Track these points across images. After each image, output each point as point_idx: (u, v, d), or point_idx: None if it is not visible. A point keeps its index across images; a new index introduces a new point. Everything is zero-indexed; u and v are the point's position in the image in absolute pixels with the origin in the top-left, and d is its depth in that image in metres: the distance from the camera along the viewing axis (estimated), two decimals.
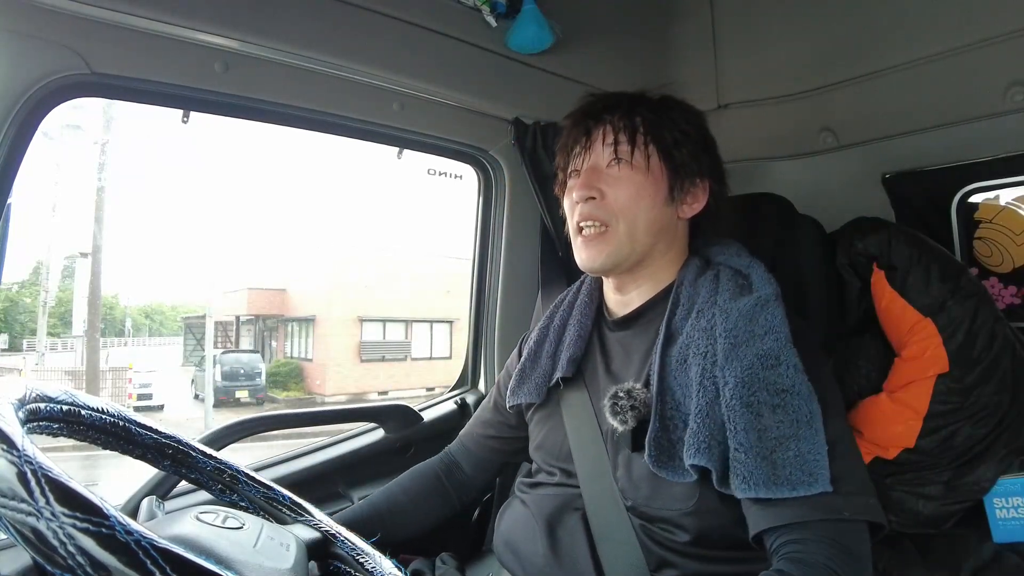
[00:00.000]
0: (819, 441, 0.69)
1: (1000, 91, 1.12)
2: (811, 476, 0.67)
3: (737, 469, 0.69)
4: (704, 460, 0.71)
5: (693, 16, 1.51)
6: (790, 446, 0.68)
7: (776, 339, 0.74)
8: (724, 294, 0.81)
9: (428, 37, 1.16)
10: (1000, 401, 0.97)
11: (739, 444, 0.70)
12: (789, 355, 0.73)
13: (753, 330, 0.75)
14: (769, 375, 0.72)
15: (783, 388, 0.71)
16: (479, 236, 1.47)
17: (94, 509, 0.38)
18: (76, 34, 0.87)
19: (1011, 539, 1.00)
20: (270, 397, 11.25)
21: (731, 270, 0.86)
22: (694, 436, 0.72)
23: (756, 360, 0.73)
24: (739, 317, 0.76)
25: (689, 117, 0.89)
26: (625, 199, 0.84)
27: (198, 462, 0.68)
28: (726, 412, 0.71)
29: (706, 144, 0.90)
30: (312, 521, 0.74)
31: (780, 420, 0.70)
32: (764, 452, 0.69)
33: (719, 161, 0.92)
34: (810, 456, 0.68)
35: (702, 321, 0.79)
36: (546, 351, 0.96)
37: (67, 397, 0.55)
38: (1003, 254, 1.34)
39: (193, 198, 21.23)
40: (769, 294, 0.79)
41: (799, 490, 0.67)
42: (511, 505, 0.95)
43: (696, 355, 0.77)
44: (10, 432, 0.40)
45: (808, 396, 0.71)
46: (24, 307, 10.69)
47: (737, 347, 0.74)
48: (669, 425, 0.77)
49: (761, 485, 0.67)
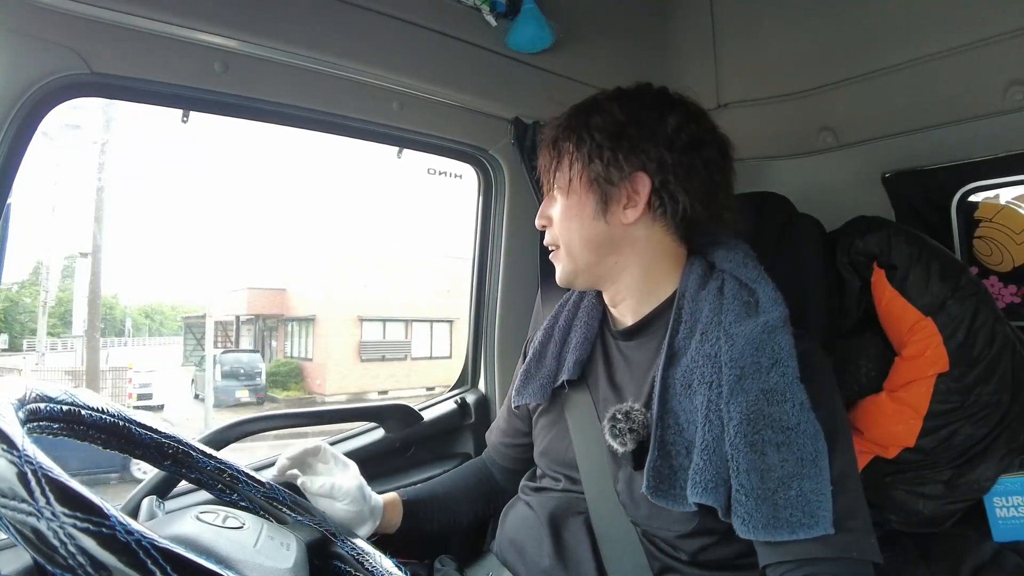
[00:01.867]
0: (823, 480, 0.67)
1: (1000, 90, 1.12)
2: (812, 517, 0.66)
3: (738, 511, 0.68)
4: (711, 500, 0.69)
5: (693, 15, 1.52)
6: (792, 485, 0.67)
7: (782, 374, 0.72)
8: (729, 314, 0.77)
9: (428, 36, 1.16)
10: (1000, 400, 0.97)
11: (740, 486, 0.68)
12: (795, 392, 0.71)
13: (759, 362, 0.72)
14: (774, 411, 0.70)
15: (788, 426, 0.69)
16: (479, 235, 1.46)
17: (94, 509, 0.38)
18: (76, 34, 0.87)
19: (1011, 538, 1.00)
20: (270, 397, 11.24)
21: (736, 282, 0.81)
22: (700, 474, 0.70)
23: (761, 396, 0.71)
24: (746, 345, 0.73)
25: (612, 108, 0.83)
26: (558, 224, 0.87)
27: (198, 462, 0.68)
28: (730, 450, 0.70)
29: (628, 133, 0.81)
30: (312, 521, 0.74)
31: (784, 459, 0.68)
32: (766, 494, 0.67)
33: (663, 138, 0.81)
34: (812, 496, 0.66)
35: (706, 345, 0.76)
36: (551, 351, 0.95)
37: (67, 397, 0.55)
38: (1003, 253, 1.34)
39: (193, 198, 21.19)
40: (776, 319, 0.75)
41: (799, 533, 0.65)
42: (515, 506, 0.95)
43: (701, 383, 0.75)
44: (10, 432, 0.40)
45: (814, 435, 0.69)
46: (24, 307, 10.68)
47: (743, 379, 0.72)
48: (671, 451, 0.75)
49: (760, 528, 0.67)
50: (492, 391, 1.44)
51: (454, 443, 1.42)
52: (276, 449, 1.20)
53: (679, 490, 0.73)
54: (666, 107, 0.83)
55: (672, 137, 0.81)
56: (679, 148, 0.81)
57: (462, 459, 1.38)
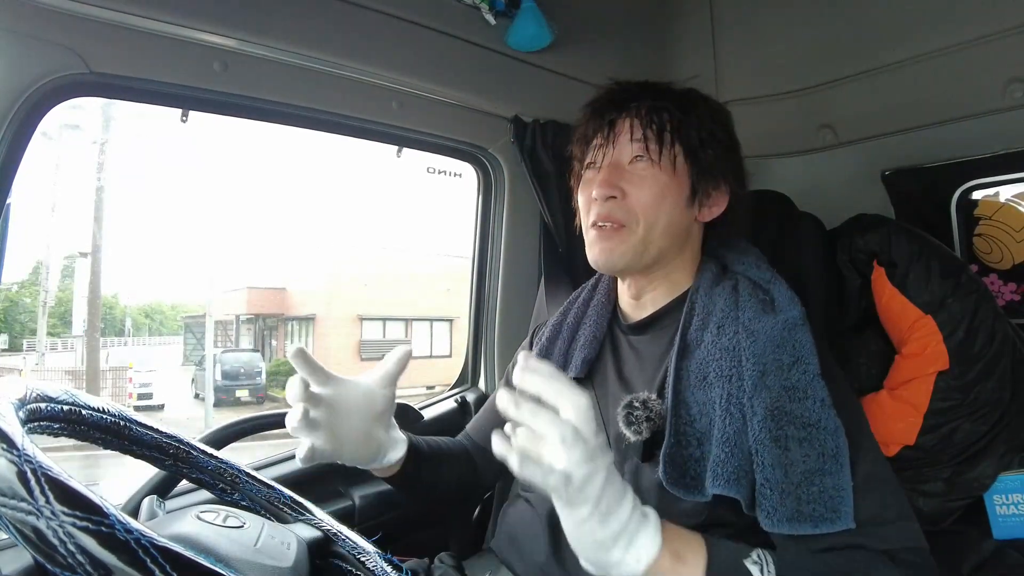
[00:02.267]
0: (844, 476, 0.67)
1: (1000, 87, 1.12)
2: (834, 512, 0.66)
3: (763, 504, 0.68)
4: (733, 492, 0.69)
5: (693, 13, 1.51)
6: (815, 481, 0.67)
7: (804, 372, 0.72)
8: (747, 311, 0.77)
9: (427, 35, 1.16)
10: (1000, 398, 0.97)
11: (766, 479, 0.68)
12: (817, 389, 0.71)
13: (781, 359, 0.73)
14: (796, 408, 0.70)
15: (809, 422, 0.70)
16: (479, 234, 1.47)
17: (94, 508, 0.38)
18: (75, 33, 0.87)
19: (1011, 536, 1.00)
20: (270, 396, 11.24)
21: (750, 283, 0.82)
22: (721, 465, 0.71)
23: (783, 392, 0.71)
24: (767, 342, 0.74)
25: (716, 116, 0.86)
26: (648, 200, 0.81)
27: (199, 461, 0.68)
28: (754, 445, 0.70)
29: (731, 145, 0.87)
30: (313, 520, 0.74)
31: (807, 454, 0.68)
32: (790, 488, 0.67)
33: (741, 163, 0.89)
34: (834, 492, 0.67)
35: (723, 339, 0.76)
36: (558, 348, 0.94)
37: (68, 397, 0.55)
38: (1003, 251, 1.34)
39: (192, 197, 21.21)
40: (796, 316, 0.76)
41: (821, 527, 0.66)
42: (514, 504, 0.95)
43: (719, 376, 0.75)
44: (10, 431, 0.40)
45: (835, 431, 0.69)
46: (24, 307, 10.69)
47: (765, 376, 0.72)
48: (683, 441, 0.75)
49: (784, 521, 0.67)
50: (492, 390, 1.45)
51: None
52: (276, 449, 1.20)
53: (691, 480, 0.73)
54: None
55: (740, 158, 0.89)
56: (741, 178, 0.88)
57: None
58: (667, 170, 0.81)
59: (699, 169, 0.83)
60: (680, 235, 0.85)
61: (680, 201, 0.82)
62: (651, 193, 0.81)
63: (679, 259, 0.87)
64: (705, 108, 0.86)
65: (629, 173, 0.82)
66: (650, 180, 0.81)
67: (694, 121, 0.83)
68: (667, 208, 0.81)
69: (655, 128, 0.81)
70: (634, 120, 0.83)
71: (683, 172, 0.82)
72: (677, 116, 0.82)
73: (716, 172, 0.84)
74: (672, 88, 0.87)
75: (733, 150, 0.87)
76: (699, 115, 0.84)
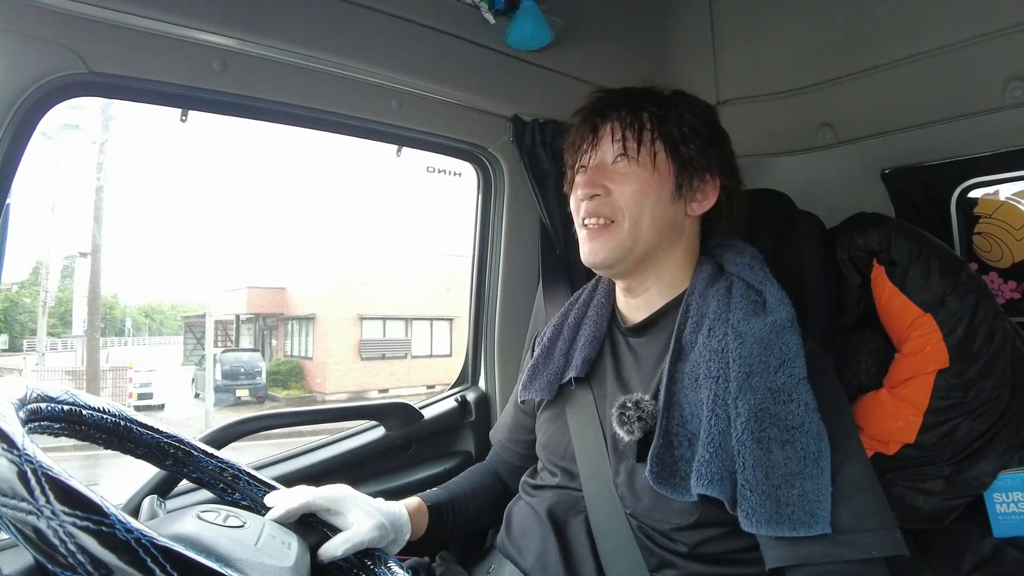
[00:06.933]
0: (824, 481, 0.68)
1: (1000, 86, 1.11)
2: (812, 516, 0.67)
3: (743, 505, 0.69)
4: (716, 492, 0.70)
5: (692, 12, 1.51)
6: (795, 484, 0.68)
7: (790, 374, 0.73)
8: (737, 312, 0.79)
9: (426, 34, 1.16)
10: (1000, 396, 0.97)
11: (746, 480, 0.69)
12: (802, 392, 0.72)
13: (768, 361, 0.74)
14: (780, 410, 0.71)
15: (792, 425, 0.71)
16: (478, 233, 1.46)
17: (94, 507, 0.38)
18: (74, 33, 0.87)
19: (1011, 534, 1.00)
20: (271, 396, 11.26)
21: (744, 283, 0.84)
22: (705, 465, 0.71)
23: (768, 394, 0.72)
24: (755, 343, 0.75)
25: (698, 111, 0.88)
26: (630, 195, 0.84)
27: (200, 461, 0.69)
28: (736, 445, 0.71)
29: (715, 138, 0.89)
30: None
31: (788, 456, 0.69)
32: (770, 490, 0.68)
33: (730, 156, 0.90)
34: (814, 496, 0.68)
35: (713, 341, 0.78)
36: (559, 348, 0.96)
37: (68, 397, 0.55)
38: (1003, 249, 1.34)
39: (192, 197, 21.22)
40: (784, 319, 0.77)
41: (799, 530, 0.67)
42: (517, 503, 0.96)
43: (708, 378, 0.76)
44: (10, 431, 0.40)
45: (817, 435, 0.70)
46: (24, 307, 10.69)
47: (751, 377, 0.73)
48: (673, 441, 0.76)
49: (763, 523, 0.68)
50: (492, 389, 1.45)
51: (455, 441, 1.42)
52: (276, 448, 1.20)
53: (680, 480, 0.74)
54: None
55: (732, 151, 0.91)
56: (731, 171, 0.90)
57: (463, 457, 1.38)
58: (647, 166, 0.84)
59: (681, 163, 0.85)
60: (669, 229, 0.86)
61: (664, 195, 0.85)
62: (632, 189, 0.84)
63: (671, 256, 0.88)
64: (686, 105, 0.88)
65: (612, 172, 0.86)
66: (631, 176, 0.84)
67: (674, 118, 0.86)
68: (651, 202, 0.84)
69: (634, 127, 0.85)
70: (615, 123, 0.86)
71: (665, 167, 0.85)
72: (656, 113, 0.85)
73: (700, 165, 0.86)
74: (654, 90, 0.90)
75: (718, 143, 0.89)
76: (679, 112, 0.86)
